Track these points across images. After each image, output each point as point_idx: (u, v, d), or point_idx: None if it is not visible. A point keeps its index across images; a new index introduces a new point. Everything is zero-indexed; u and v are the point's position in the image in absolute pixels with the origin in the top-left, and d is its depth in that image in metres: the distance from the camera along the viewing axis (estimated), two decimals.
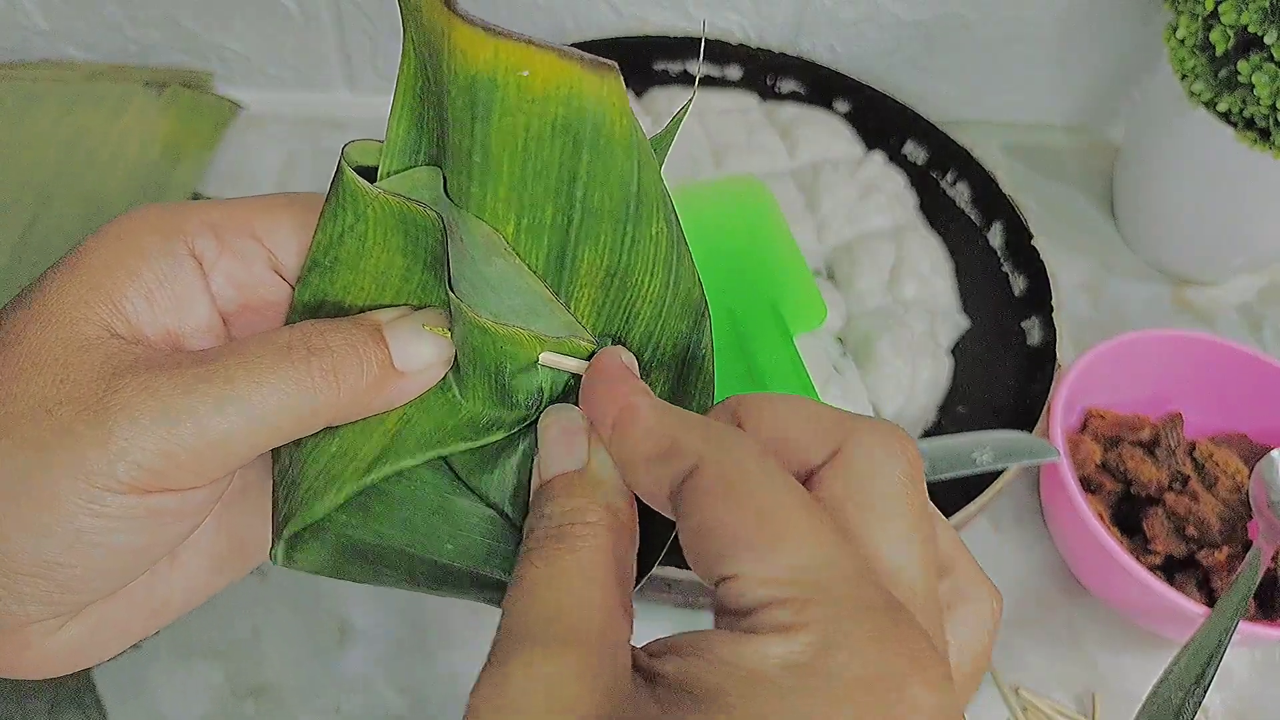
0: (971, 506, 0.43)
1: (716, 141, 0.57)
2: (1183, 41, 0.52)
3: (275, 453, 0.23)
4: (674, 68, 0.63)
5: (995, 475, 0.44)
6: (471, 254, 0.22)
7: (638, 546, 0.22)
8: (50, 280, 0.21)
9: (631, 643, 0.20)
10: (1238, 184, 0.54)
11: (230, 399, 0.20)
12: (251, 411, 0.20)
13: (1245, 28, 0.49)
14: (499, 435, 0.23)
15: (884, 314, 0.51)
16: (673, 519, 0.20)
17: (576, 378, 0.23)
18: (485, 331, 0.22)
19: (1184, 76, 0.53)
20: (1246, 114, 0.51)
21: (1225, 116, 0.52)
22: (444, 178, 0.22)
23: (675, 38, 0.62)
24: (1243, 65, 0.49)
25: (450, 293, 0.22)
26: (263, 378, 0.20)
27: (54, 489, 0.19)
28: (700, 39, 0.63)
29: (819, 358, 0.48)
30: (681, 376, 0.24)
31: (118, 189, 0.55)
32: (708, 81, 0.63)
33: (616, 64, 0.19)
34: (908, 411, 0.49)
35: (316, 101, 0.65)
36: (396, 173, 0.22)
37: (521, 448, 0.24)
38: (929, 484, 0.45)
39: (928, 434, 0.50)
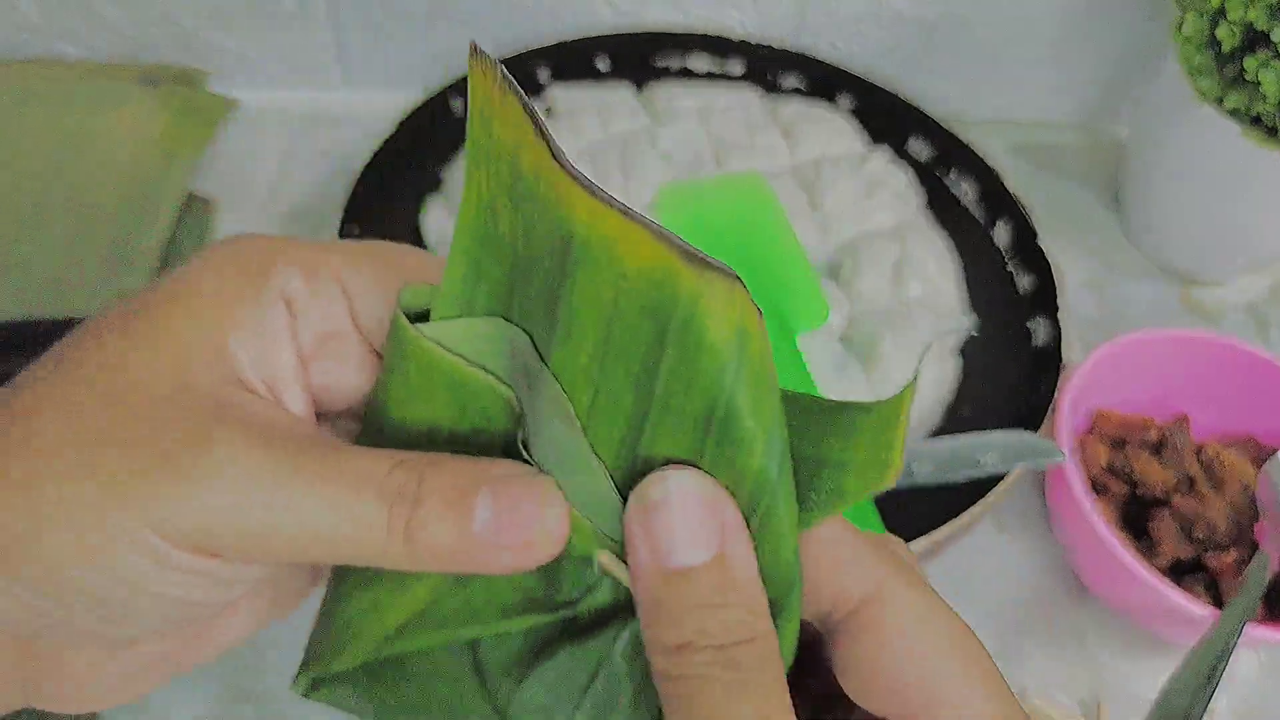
0: (976, 508, 0.42)
1: (718, 139, 0.57)
2: (1189, 38, 0.52)
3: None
4: (674, 64, 0.62)
5: (1000, 477, 0.44)
6: (541, 413, 0.20)
7: None
8: (153, 310, 0.20)
9: None
10: (1245, 182, 0.54)
11: (312, 513, 0.19)
12: (328, 531, 0.19)
13: (1252, 24, 0.48)
14: (531, 620, 0.21)
15: (887, 313, 0.50)
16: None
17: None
18: None
19: (1190, 73, 0.52)
20: (1253, 111, 0.50)
21: (1232, 114, 0.52)
22: (526, 332, 0.20)
23: (674, 34, 0.62)
24: (1249, 62, 0.49)
25: (522, 449, 0.20)
26: (350, 505, 0.19)
27: (120, 530, 0.18)
28: (703, 34, 0.62)
29: (822, 357, 0.48)
30: None
31: (113, 186, 0.55)
32: (709, 77, 0.63)
33: (734, 273, 0.17)
34: (911, 412, 0.48)
35: (312, 99, 0.64)
36: (445, 319, 0.21)
37: (556, 657, 0.21)
38: (933, 486, 0.45)
39: (933, 435, 0.50)
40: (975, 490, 0.43)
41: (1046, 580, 0.48)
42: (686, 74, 0.62)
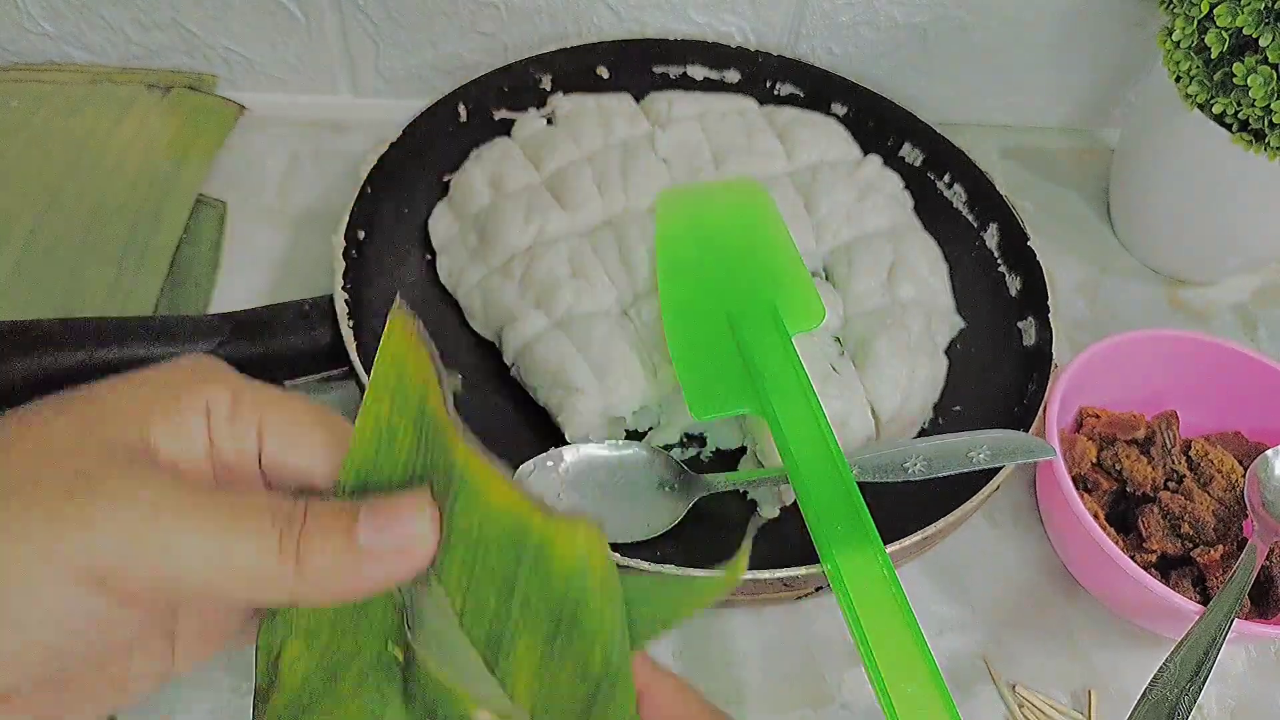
0: (968, 505, 0.43)
1: (716, 144, 0.58)
2: (1178, 44, 0.53)
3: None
4: (674, 71, 0.63)
5: (992, 474, 0.44)
6: (426, 609, 0.24)
7: None
8: (93, 391, 0.21)
9: None
10: (1232, 186, 0.55)
11: (207, 541, 0.19)
12: (222, 560, 0.20)
13: (1240, 30, 0.49)
14: None
15: (881, 314, 0.51)
16: None
17: None
18: (428, 672, 0.24)
19: (1179, 79, 0.53)
20: (1241, 116, 0.51)
21: (1220, 119, 0.52)
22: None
23: (674, 40, 0.63)
24: (1238, 67, 0.49)
25: (407, 630, 0.24)
26: (242, 529, 0.20)
27: (25, 561, 0.19)
28: (701, 41, 0.63)
29: (817, 358, 0.49)
30: None
31: (123, 191, 0.56)
32: (707, 85, 0.64)
33: (586, 516, 0.23)
34: (905, 411, 0.49)
35: (319, 104, 0.65)
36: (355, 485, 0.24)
37: None
38: (926, 481, 0.46)
39: (924, 433, 0.50)
40: (968, 486, 0.44)
41: (1038, 575, 0.49)
42: (685, 81, 0.63)
